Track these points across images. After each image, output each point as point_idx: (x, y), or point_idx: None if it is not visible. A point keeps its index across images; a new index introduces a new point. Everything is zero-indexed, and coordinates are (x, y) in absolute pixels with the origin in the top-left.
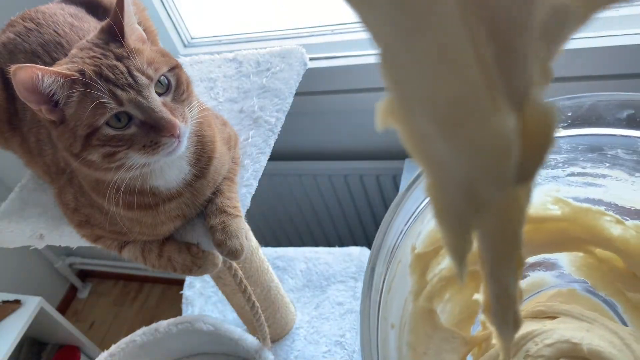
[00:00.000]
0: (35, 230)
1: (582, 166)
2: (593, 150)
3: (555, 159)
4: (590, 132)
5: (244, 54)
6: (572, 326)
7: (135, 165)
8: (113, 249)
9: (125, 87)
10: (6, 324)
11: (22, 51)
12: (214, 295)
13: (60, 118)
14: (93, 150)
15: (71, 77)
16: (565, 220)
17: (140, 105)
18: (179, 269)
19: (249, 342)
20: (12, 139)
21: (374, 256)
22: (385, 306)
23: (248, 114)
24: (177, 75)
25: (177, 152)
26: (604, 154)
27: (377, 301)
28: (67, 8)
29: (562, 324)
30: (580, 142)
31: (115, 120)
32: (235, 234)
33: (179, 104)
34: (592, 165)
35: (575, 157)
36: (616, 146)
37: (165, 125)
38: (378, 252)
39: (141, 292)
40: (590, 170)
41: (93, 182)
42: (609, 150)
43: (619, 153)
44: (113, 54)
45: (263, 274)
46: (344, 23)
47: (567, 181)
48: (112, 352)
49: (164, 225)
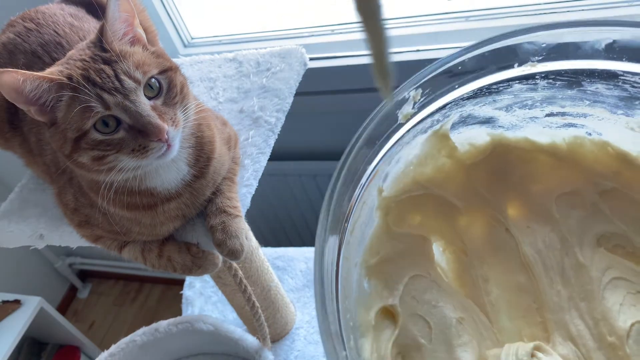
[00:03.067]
0: (35, 230)
1: (561, 105)
2: (571, 86)
3: (532, 97)
4: (567, 67)
5: (244, 54)
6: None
7: (126, 168)
8: (113, 249)
9: (112, 91)
10: (6, 324)
11: (22, 51)
12: (214, 295)
13: (51, 120)
14: (83, 153)
15: (57, 81)
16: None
17: (127, 109)
18: (179, 269)
19: (249, 342)
20: (12, 139)
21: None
22: (347, 246)
23: (248, 114)
24: (169, 78)
25: (168, 156)
26: (583, 90)
27: (336, 242)
28: (67, 8)
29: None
30: (558, 77)
31: (103, 125)
32: (235, 234)
33: (171, 107)
34: (571, 103)
35: (554, 94)
36: (596, 81)
37: (153, 130)
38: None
39: (141, 292)
40: (570, 110)
41: (90, 182)
42: (589, 85)
43: (600, 89)
44: (101, 57)
45: (263, 274)
46: (344, 23)
47: (546, 122)
48: (112, 352)
49: (163, 225)
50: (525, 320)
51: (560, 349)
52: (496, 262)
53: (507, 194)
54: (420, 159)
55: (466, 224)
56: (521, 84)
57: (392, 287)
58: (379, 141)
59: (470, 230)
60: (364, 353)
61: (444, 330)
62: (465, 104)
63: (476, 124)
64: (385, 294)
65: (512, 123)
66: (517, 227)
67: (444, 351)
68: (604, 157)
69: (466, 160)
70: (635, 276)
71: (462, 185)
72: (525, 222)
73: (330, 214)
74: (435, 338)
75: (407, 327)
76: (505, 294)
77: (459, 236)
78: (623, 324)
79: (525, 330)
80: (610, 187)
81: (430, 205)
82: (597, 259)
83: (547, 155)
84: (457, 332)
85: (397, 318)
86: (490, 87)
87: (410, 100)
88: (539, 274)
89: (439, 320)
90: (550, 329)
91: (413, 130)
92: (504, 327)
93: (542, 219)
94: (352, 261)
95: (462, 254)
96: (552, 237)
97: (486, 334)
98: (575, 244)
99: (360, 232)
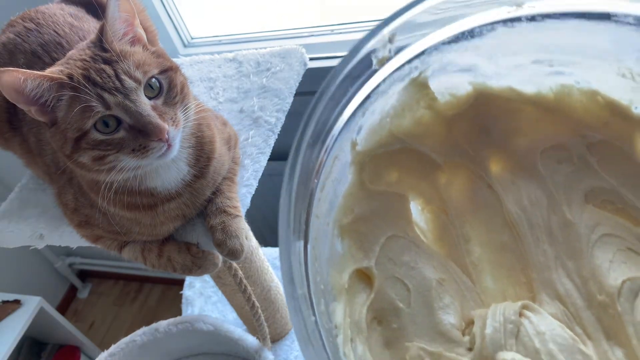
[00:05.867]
0: (35, 230)
1: (548, 50)
2: (559, 29)
3: (516, 42)
4: (556, 8)
5: (244, 54)
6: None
7: (126, 167)
8: (113, 249)
9: (112, 90)
10: (6, 324)
11: (22, 51)
12: (214, 295)
13: (51, 120)
14: (83, 153)
15: (58, 80)
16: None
17: (127, 109)
18: (178, 269)
19: (249, 342)
20: (12, 139)
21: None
22: (318, 204)
23: (248, 114)
24: (169, 78)
25: (168, 156)
26: (572, 34)
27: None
28: (67, 8)
29: None
30: (546, 18)
31: (103, 125)
32: (235, 234)
33: (171, 107)
34: (559, 49)
35: (540, 39)
36: (585, 22)
37: (153, 130)
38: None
39: (141, 292)
40: (558, 57)
41: (90, 182)
42: (579, 28)
43: (590, 31)
44: (101, 57)
45: (263, 274)
46: (344, 23)
47: (532, 70)
48: (112, 352)
49: (163, 225)
50: (510, 281)
51: (548, 309)
52: (478, 220)
53: (490, 148)
54: (397, 109)
55: (446, 181)
56: (506, 27)
57: (367, 249)
58: (352, 88)
59: (451, 187)
60: (336, 318)
61: (423, 293)
62: (445, 50)
63: (457, 71)
64: (359, 255)
65: (496, 71)
66: (501, 184)
67: (424, 315)
68: (593, 106)
69: (447, 111)
70: (625, 232)
71: (442, 139)
72: (509, 178)
73: (298, 168)
74: (415, 301)
75: (383, 290)
76: (488, 253)
77: (439, 194)
78: (614, 281)
79: (509, 290)
80: (598, 140)
81: (408, 161)
82: (585, 216)
83: (533, 105)
84: (437, 295)
85: (373, 281)
86: (472, 30)
87: (385, 44)
88: (523, 233)
89: (418, 282)
90: (536, 289)
91: (390, 78)
92: (487, 287)
93: (527, 174)
94: (324, 220)
95: (442, 213)
96: (537, 194)
97: (469, 296)
98: (562, 201)
99: (333, 189)
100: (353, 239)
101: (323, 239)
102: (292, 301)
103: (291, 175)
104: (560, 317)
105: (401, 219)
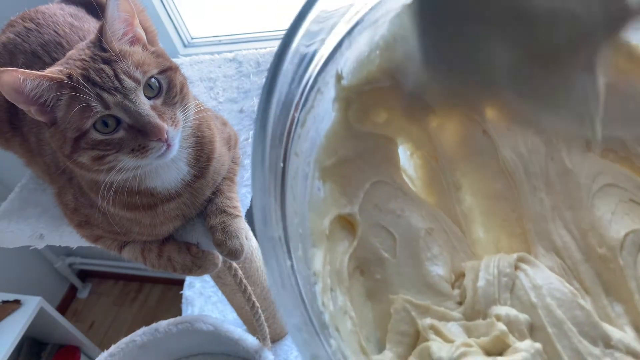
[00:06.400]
0: (35, 230)
1: None
2: None
3: None
4: None
5: (244, 54)
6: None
7: (126, 167)
8: (113, 249)
9: (111, 90)
10: (6, 324)
11: (22, 51)
12: (214, 295)
13: (51, 120)
14: (83, 153)
15: (57, 80)
16: None
17: (127, 109)
18: (179, 269)
19: (249, 342)
20: (12, 139)
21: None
22: (298, 140)
23: (248, 114)
24: (169, 77)
25: (168, 156)
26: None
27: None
28: (67, 8)
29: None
30: None
31: (103, 125)
32: (235, 234)
33: (171, 107)
34: None
35: None
36: None
37: (153, 130)
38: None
39: (141, 292)
40: None
41: (90, 182)
42: None
43: None
44: (100, 57)
45: (263, 274)
46: None
47: None
48: (112, 352)
49: (163, 225)
50: (503, 231)
51: (544, 262)
52: (471, 167)
53: (486, 90)
54: (388, 41)
55: (438, 125)
56: None
57: (350, 194)
58: (337, 10)
59: (443, 132)
60: (315, 265)
61: (410, 243)
62: None
63: None
64: (342, 201)
65: None
66: (496, 129)
67: (410, 265)
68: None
69: None
70: (628, 183)
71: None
72: (506, 124)
73: (275, 97)
74: (401, 251)
75: (367, 238)
76: (480, 202)
77: (430, 139)
78: (616, 234)
79: (502, 242)
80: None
81: (398, 101)
82: (586, 164)
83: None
84: (425, 245)
85: (356, 228)
86: None
87: None
88: (519, 181)
89: (405, 231)
90: (531, 241)
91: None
92: (478, 238)
93: (525, 120)
94: (304, 159)
95: (432, 159)
96: (535, 140)
97: (459, 247)
98: (562, 148)
99: (315, 127)
100: (336, 182)
101: (302, 180)
102: (265, 242)
103: (267, 104)
104: (557, 271)
105: (388, 163)
